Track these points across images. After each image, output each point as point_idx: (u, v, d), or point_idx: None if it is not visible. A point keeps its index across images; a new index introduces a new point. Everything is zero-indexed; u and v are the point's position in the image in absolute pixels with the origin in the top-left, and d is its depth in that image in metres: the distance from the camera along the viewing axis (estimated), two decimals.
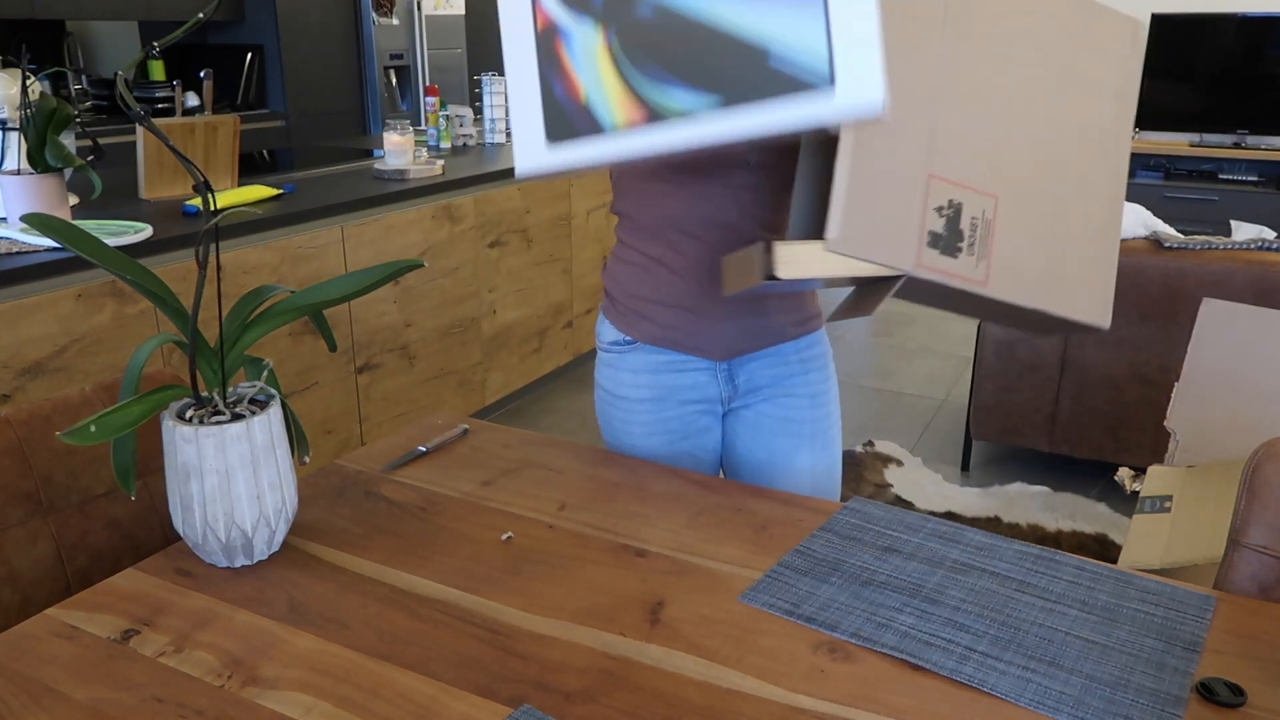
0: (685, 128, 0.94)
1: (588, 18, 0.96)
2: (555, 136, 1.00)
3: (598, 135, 0.98)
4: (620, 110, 0.97)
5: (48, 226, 1.01)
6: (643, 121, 0.96)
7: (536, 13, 0.99)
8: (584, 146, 0.98)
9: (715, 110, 0.93)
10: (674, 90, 0.94)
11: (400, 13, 5.31)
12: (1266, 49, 4.81)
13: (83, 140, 2.47)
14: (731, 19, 0.92)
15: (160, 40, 1.07)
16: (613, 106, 0.97)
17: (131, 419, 1.03)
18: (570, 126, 0.99)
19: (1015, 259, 1.21)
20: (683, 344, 1.43)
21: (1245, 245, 2.71)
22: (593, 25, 0.97)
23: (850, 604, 1.05)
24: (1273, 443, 1.17)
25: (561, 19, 0.98)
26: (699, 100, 0.93)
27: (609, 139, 0.98)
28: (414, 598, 1.07)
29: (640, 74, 0.95)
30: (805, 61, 0.89)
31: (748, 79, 0.92)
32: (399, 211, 2.93)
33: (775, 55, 0.90)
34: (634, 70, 0.96)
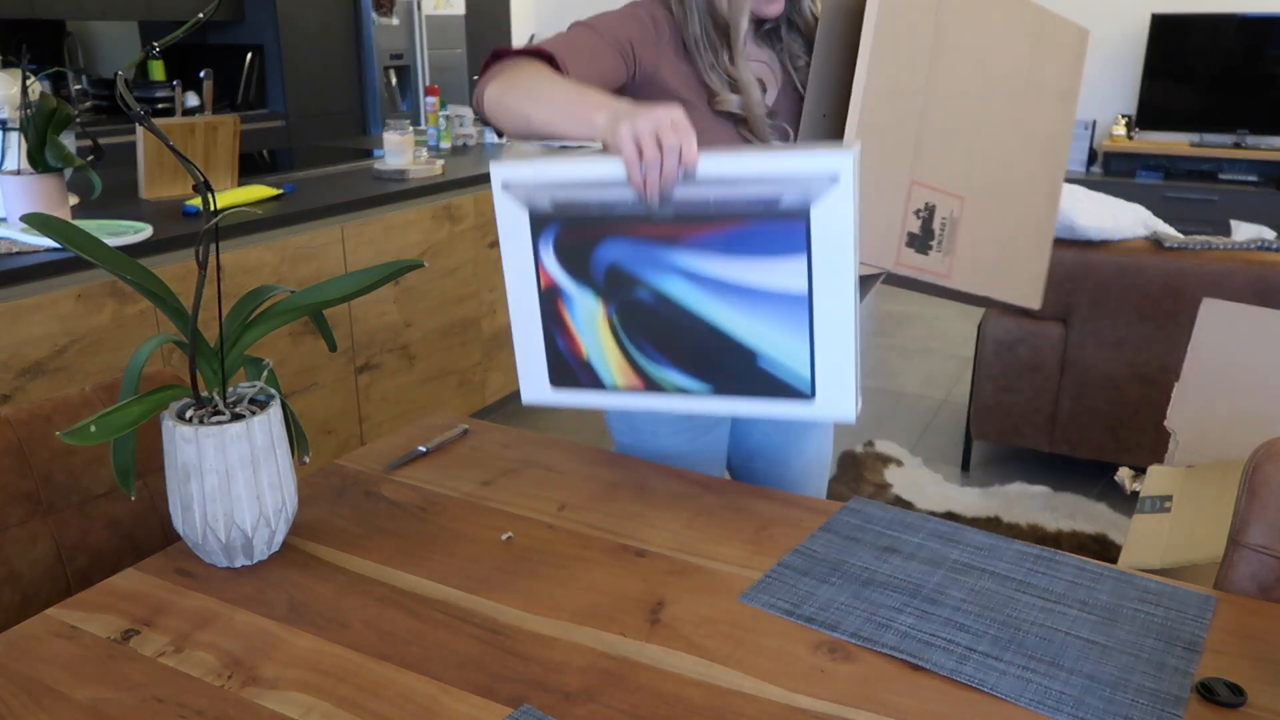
0: (680, 401, 1.02)
1: (589, 290, 1.02)
2: (559, 383, 1.07)
3: (599, 390, 1.05)
4: (620, 374, 1.03)
5: (48, 226, 1.01)
6: (641, 388, 1.03)
7: (540, 271, 1.04)
8: (586, 395, 1.05)
9: (707, 395, 1.01)
10: (670, 371, 1.01)
11: (400, 13, 5.31)
12: (1266, 49, 4.81)
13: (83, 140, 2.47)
14: (723, 319, 0.98)
15: (160, 40, 1.07)
16: (612, 369, 1.04)
17: (131, 419, 1.03)
18: (573, 377, 1.05)
19: (973, 253, 1.30)
20: None
21: (1245, 245, 2.71)
22: (594, 297, 1.03)
23: (850, 604, 1.05)
24: (1273, 443, 1.17)
25: (564, 283, 1.03)
26: (692, 383, 1.01)
27: (609, 395, 1.04)
28: (414, 598, 1.07)
29: (637, 350, 1.02)
30: (790, 372, 0.97)
31: (737, 375, 0.99)
32: (399, 211, 2.93)
33: (763, 358, 0.98)
34: (632, 345, 1.02)
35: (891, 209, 1.24)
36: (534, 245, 1.04)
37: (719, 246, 0.97)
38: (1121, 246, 2.79)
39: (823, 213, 0.93)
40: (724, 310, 0.98)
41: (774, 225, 0.95)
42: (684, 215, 0.98)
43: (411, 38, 5.40)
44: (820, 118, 1.31)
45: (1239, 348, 1.90)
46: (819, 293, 0.95)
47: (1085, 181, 4.91)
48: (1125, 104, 5.25)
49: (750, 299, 0.97)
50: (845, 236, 0.93)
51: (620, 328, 1.02)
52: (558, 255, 1.03)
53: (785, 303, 0.96)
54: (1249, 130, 4.94)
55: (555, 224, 1.03)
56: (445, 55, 5.60)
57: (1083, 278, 2.79)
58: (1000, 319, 2.94)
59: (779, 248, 0.95)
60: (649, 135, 0.95)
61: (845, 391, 0.96)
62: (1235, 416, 1.82)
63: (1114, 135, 5.20)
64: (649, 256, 1.00)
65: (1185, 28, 4.94)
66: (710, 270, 0.98)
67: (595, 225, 1.01)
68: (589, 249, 1.02)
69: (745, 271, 0.97)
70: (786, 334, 0.96)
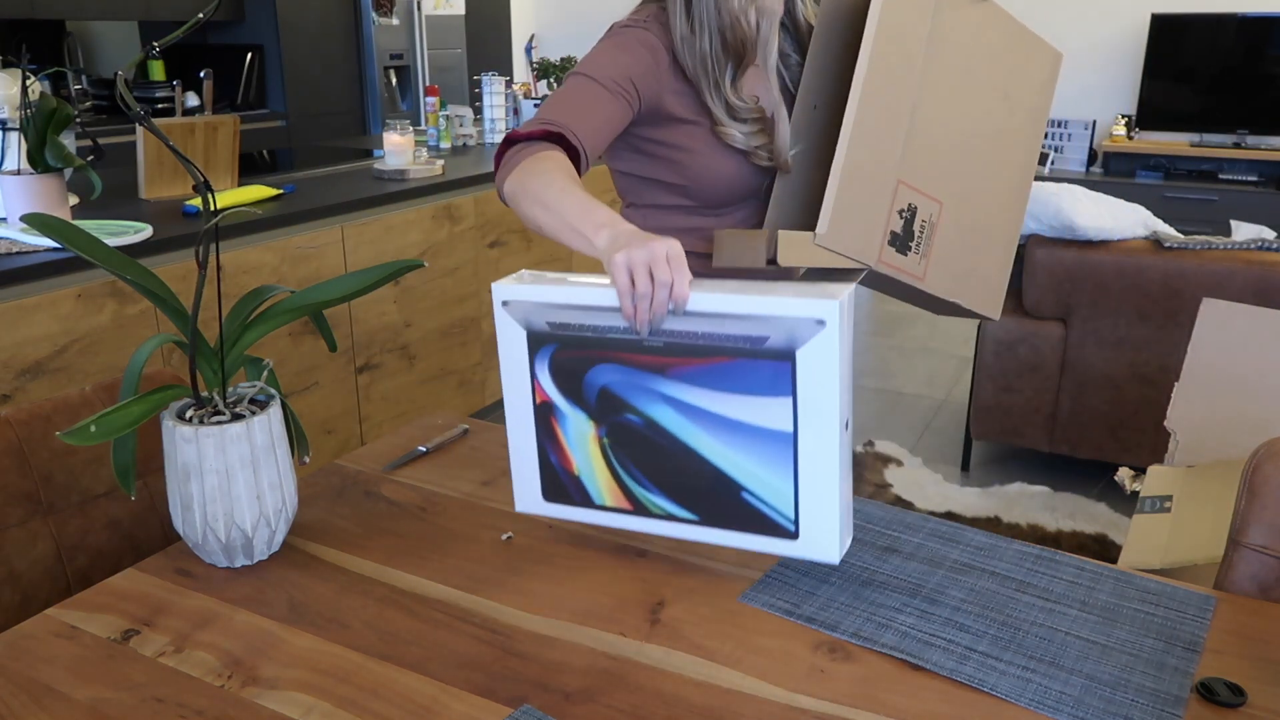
0: (667, 526, 1.04)
1: (581, 410, 1.04)
2: (551, 497, 1.10)
3: (589, 507, 1.08)
4: (609, 494, 1.06)
5: (48, 226, 1.01)
6: (629, 509, 1.05)
7: (535, 387, 1.07)
8: (577, 511, 1.08)
9: (693, 524, 1.03)
10: (657, 496, 1.03)
11: (400, 13, 5.31)
12: (1266, 49, 4.81)
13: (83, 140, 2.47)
14: (710, 450, 1.00)
15: (160, 40, 1.07)
16: (602, 489, 1.06)
17: (131, 419, 1.03)
18: (564, 492, 1.08)
19: (946, 258, 1.33)
20: None
21: (1245, 245, 2.71)
22: (585, 417, 1.05)
23: (850, 604, 1.05)
24: (1273, 443, 1.17)
25: (558, 401, 1.06)
26: (679, 511, 1.03)
27: (598, 513, 1.07)
28: (414, 598, 1.07)
29: (626, 473, 1.04)
30: (774, 509, 0.98)
31: (723, 507, 1.01)
32: (399, 211, 2.93)
33: (748, 492, 0.99)
34: (621, 468, 1.04)
35: (878, 205, 1.25)
36: (530, 363, 1.08)
37: (706, 380, 0.99)
38: (1121, 246, 2.79)
39: (809, 355, 0.94)
40: (711, 442, 1.00)
41: (761, 364, 0.97)
42: (673, 346, 1.01)
43: (411, 38, 5.40)
44: (812, 109, 1.32)
45: (1239, 348, 1.90)
46: (804, 434, 0.96)
47: (1085, 181, 4.91)
48: (1125, 104, 5.26)
49: (737, 433, 0.99)
50: (831, 380, 0.94)
51: (610, 449, 1.05)
52: (552, 374, 1.06)
53: (771, 440, 0.98)
54: (1249, 130, 4.94)
55: (551, 344, 1.06)
56: (445, 55, 5.60)
57: (1083, 278, 2.79)
58: (1000, 319, 2.94)
59: (765, 387, 0.97)
60: (643, 267, 0.97)
61: (829, 533, 0.97)
62: (1235, 416, 1.82)
63: (1114, 135, 5.20)
64: (639, 383, 1.02)
65: (1185, 28, 4.94)
66: (698, 401, 1.00)
67: (588, 348, 1.04)
68: (582, 371, 1.05)
69: (732, 407, 0.99)
70: (771, 471, 0.98)
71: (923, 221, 1.29)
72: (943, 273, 1.33)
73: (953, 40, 1.29)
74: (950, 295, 1.35)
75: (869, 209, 1.24)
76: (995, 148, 1.37)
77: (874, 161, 1.23)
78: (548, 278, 1.07)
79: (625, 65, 1.27)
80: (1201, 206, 4.87)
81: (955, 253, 1.34)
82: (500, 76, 3.90)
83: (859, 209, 1.23)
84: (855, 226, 1.23)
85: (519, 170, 1.16)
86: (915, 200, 1.28)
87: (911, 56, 1.25)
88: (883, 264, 1.26)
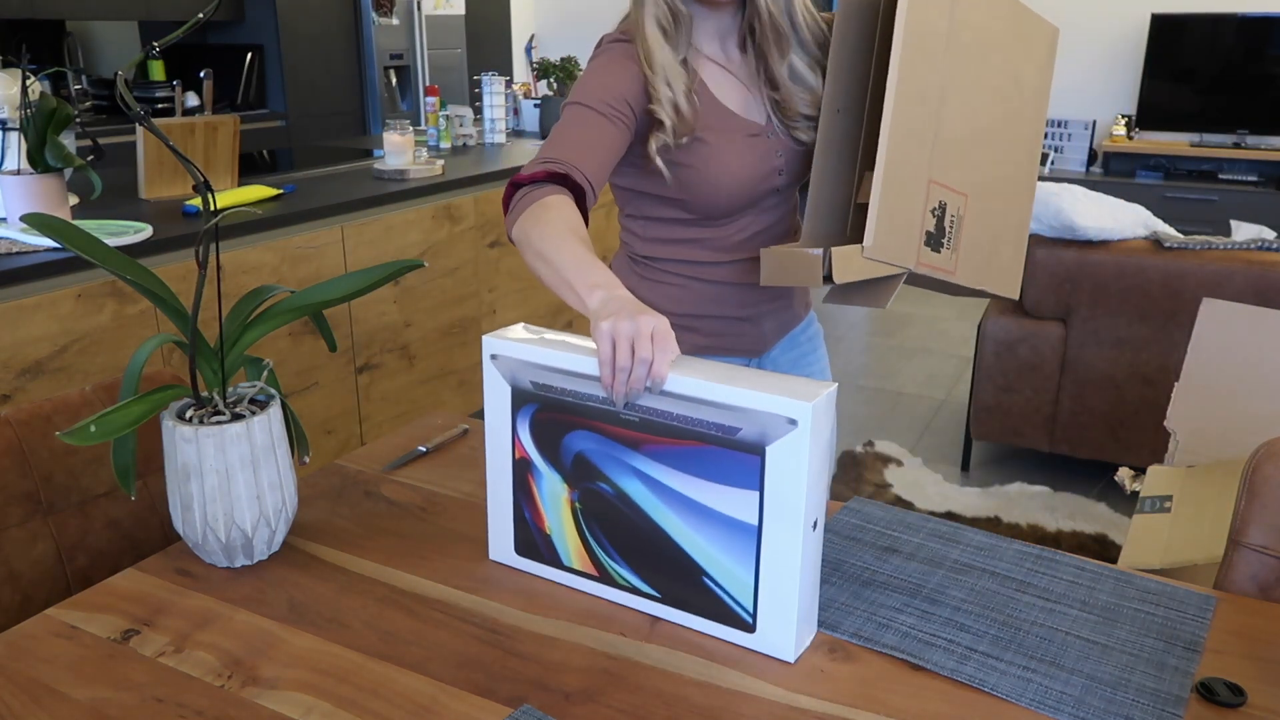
0: (631, 599, 1.05)
1: (557, 472, 1.06)
2: (522, 552, 1.12)
3: (556, 566, 1.09)
4: (577, 558, 1.08)
5: (48, 226, 1.01)
6: (594, 575, 1.07)
7: (515, 443, 1.09)
8: (545, 569, 1.11)
9: (654, 600, 1.04)
10: (622, 568, 1.05)
11: (400, 13, 5.31)
12: (1266, 49, 4.81)
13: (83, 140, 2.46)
14: (675, 531, 1.01)
15: (160, 40, 1.07)
16: (571, 551, 1.08)
17: (131, 419, 1.03)
18: (535, 549, 1.11)
19: (972, 248, 1.33)
20: (729, 348, 1.45)
21: (1245, 245, 2.71)
22: (560, 480, 1.07)
23: (850, 604, 1.05)
24: (1273, 443, 1.17)
25: (535, 459, 1.08)
26: (642, 585, 1.04)
27: (565, 574, 1.09)
28: (414, 598, 1.07)
29: (595, 540, 1.06)
30: (733, 599, 0.99)
31: (683, 588, 1.01)
32: (399, 211, 2.93)
33: (709, 578, 0.99)
34: (590, 534, 1.06)
35: (914, 209, 1.25)
36: (513, 418, 1.09)
37: (677, 462, 1.00)
38: (1121, 246, 2.79)
39: (778, 453, 0.94)
40: (678, 523, 1.01)
41: (731, 455, 0.97)
42: (648, 424, 1.01)
43: (411, 38, 5.40)
44: (835, 113, 1.32)
45: (1239, 348, 1.90)
46: (769, 529, 0.96)
47: (1085, 181, 4.91)
48: (1125, 104, 5.26)
49: (703, 517, 0.99)
50: (799, 480, 0.93)
51: (581, 515, 1.07)
52: (532, 433, 1.08)
53: (736, 530, 0.98)
54: (1249, 130, 4.94)
55: (534, 404, 1.07)
56: (445, 55, 5.60)
57: (1083, 278, 2.79)
58: (1000, 319, 2.94)
59: (734, 478, 0.97)
60: (625, 339, 0.96)
61: (786, 631, 0.96)
62: (1235, 416, 1.82)
63: (1114, 135, 5.20)
64: (613, 454, 1.03)
65: (1185, 28, 4.94)
66: (669, 481, 1.01)
67: (567, 413, 1.05)
68: (560, 434, 1.06)
69: (701, 492, 0.99)
70: (734, 561, 0.98)
71: (952, 216, 1.29)
72: (970, 263, 1.33)
73: (967, 31, 1.28)
74: (977, 284, 1.36)
75: (907, 213, 1.24)
76: (1008, 132, 1.37)
77: (909, 166, 1.24)
78: (544, 335, 1.07)
79: (617, 86, 1.27)
80: (1201, 206, 4.87)
81: (979, 241, 1.35)
82: (500, 76, 3.90)
83: (899, 215, 1.23)
84: (898, 233, 1.23)
85: (524, 218, 1.16)
86: (944, 197, 1.27)
87: (935, 55, 1.25)
88: (921, 265, 1.26)
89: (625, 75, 1.27)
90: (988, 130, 1.34)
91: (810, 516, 0.95)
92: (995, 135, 1.35)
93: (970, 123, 1.31)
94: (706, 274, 1.40)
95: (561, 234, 1.12)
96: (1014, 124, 1.38)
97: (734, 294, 1.42)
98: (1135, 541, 1.61)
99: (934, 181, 1.27)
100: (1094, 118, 5.28)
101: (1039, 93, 1.40)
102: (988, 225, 1.36)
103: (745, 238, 1.39)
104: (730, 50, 1.37)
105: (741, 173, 1.33)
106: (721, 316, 1.43)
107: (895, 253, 1.24)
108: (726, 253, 1.40)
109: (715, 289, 1.41)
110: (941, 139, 1.27)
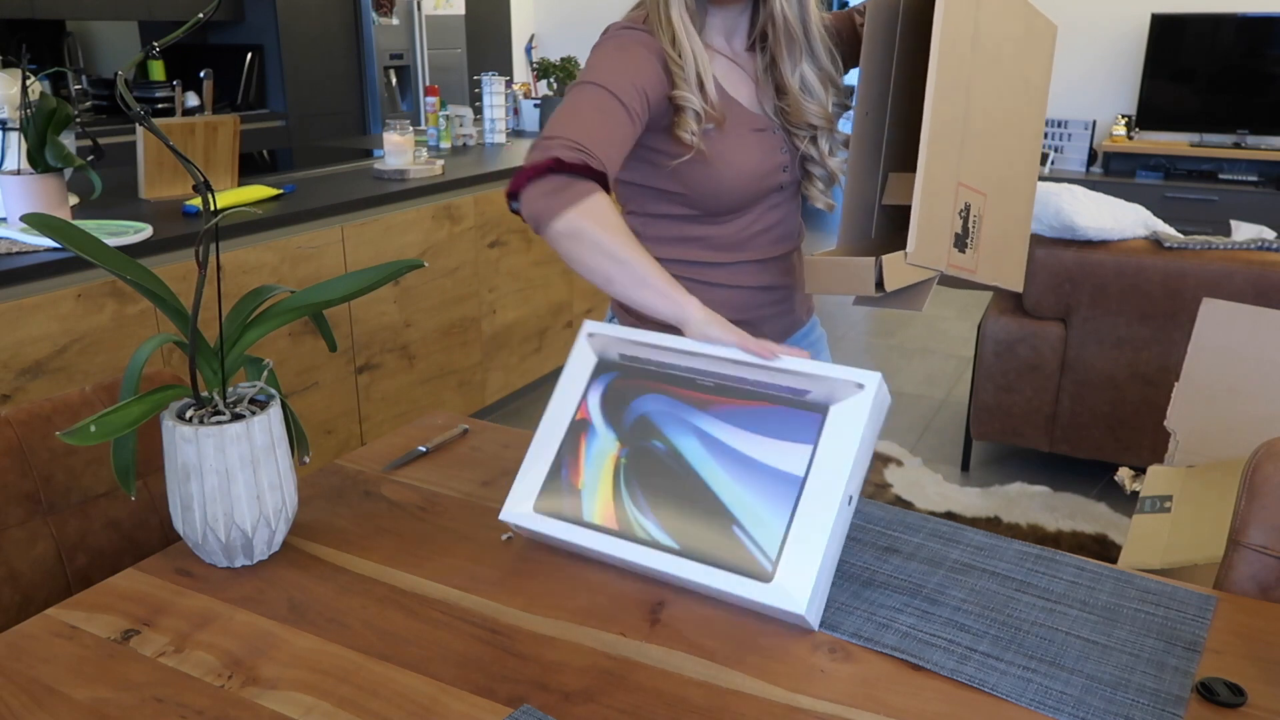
0: (643, 553, 1.06)
1: (613, 432, 1.12)
2: (541, 509, 1.14)
3: (573, 522, 1.11)
4: (600, 512, 1.10)
5: (48, 226, 1.01)
6: (614, 529, 1.09)
7: (581, 405, 1.16)
8: (559, 525, 1.12)
9: (672, 553, 1.05)
10: (648, 522, 1.07)
11: (400, 13, 5.31)
12: (1266, 49, 4.81)
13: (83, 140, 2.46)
14: (717, 483, 1.06)
15: (160, 40, 1.07)
16: (596, 506, 1.10)
17: (131, 419, 1.03)
18: (557, 503, 1.13)
19: (989, 245, 1.35)
20: None
21: (1245, 245, 2.71)
22: (615, 439, 1.13)
23: (850, 604, 1.05)
24: (1273, 443, 1.17)
25: (596, 420, 1.14)
26: (663, 536, 1.06)
27: (579, 529, 1.10)
28: (414, 598, 1.07)
29: (628, 492, 1.09)
30: (759, 547, 1.01)
31: (707, 541, 1.04)
32: (399, 211, 2.93)
33: (740, 526, 1.03)
34: (625, 487, 1.10)
35: (946, 212, 1.27)
36: (587, 384, 1.18)
37: (740, 420, 1.08)
38: (1121, 246, 2.79)
39: (840, 413, 1.03)
40: (722, 475, 1.06)
41: (796, 413, 1.06)
42: (724, 388, 1.11)
43: (411, 38, 5.40)
44: (865, 115, 1.32)
45: (1239, 348, 1.90)
46: (811, 482, 1.02)
47: (1085, 181, 4.91)
48: (1125, 104, 5.26)
49: (750, 469, 1.05)
50: (852, 439, 1.01)
51: (624, 469, 1.11)
52: (602, 397, 1.16)
53: (780, 480, 1.03)
54: (1249, 130, 4.94)
55: (614, 372, 1.17)
56: (445, 55, 5.60)
57: (1083, 278, 2.79)
58: (1000, 319, 2.94)
59: (792, 433, 1.05)
60: (753, 343, 1.11)
61: (803, 584, 0.98)
62: (1235, 416, 1.82)
63: (1114, 135, 5.20)
64: (677, 414, 1.12)
65: (1185, 27, 4.94)
66: (725, 437, 1.08)
67: (646, 379, 1.15)
68: (630, 397, 1.15)
69: (755, 446, 1.06)
70: (769, 509, 1.02)
71: (974, 217, 1.31)
72: (988, 261, 1.35)
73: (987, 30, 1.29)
74: (992, 280, 1.37)
75: (941, 217, 1.26)
76: (1017, 129, 1.38)
77: (944, 169, 1.25)
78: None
79: (635, 74, 1.24)
80: (1201, 206, 4.87)
81: (994, 238, 1.36)
82: (500, 76, 3.90)
83: (935, 219, 1.25)
84: (934, 237, 1.25)
85: (574, 212, 1.15)
86: (969, 198, 1.30)
87: (964, 56, 1.25)
88: (950, 267, 1.27)
89: (644, 64, 1.26)
90: (1002, 127, 1.35)
91: (850, 488, 1.01)
92: (1007, 132, 1.36)
93: (988, 121, 1.32)
94: (706, 275, 1.40)
95: (628, 234, 1.18)
96: (1022, 121, 1.39)
97: (734, 296, 1.41)
98: (1135, 541, 1.61)
99: (961, 184, 1.29)
100: (1094, 118, 5.28)
101: (1041, 89, 1.42)
102: (999, 222, 1.37)
103: (748, 236, 1.39)
104: (736, 46, 1.36)
105: (747, 166, 1.33)
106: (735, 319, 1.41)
107: (932, 257, 1.25)
108: (727, 252, 1.39)
109: (714, 291, 1.40)
110: (966, 140, 1.28)
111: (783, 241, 1.43)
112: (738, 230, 1.38)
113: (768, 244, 1.41)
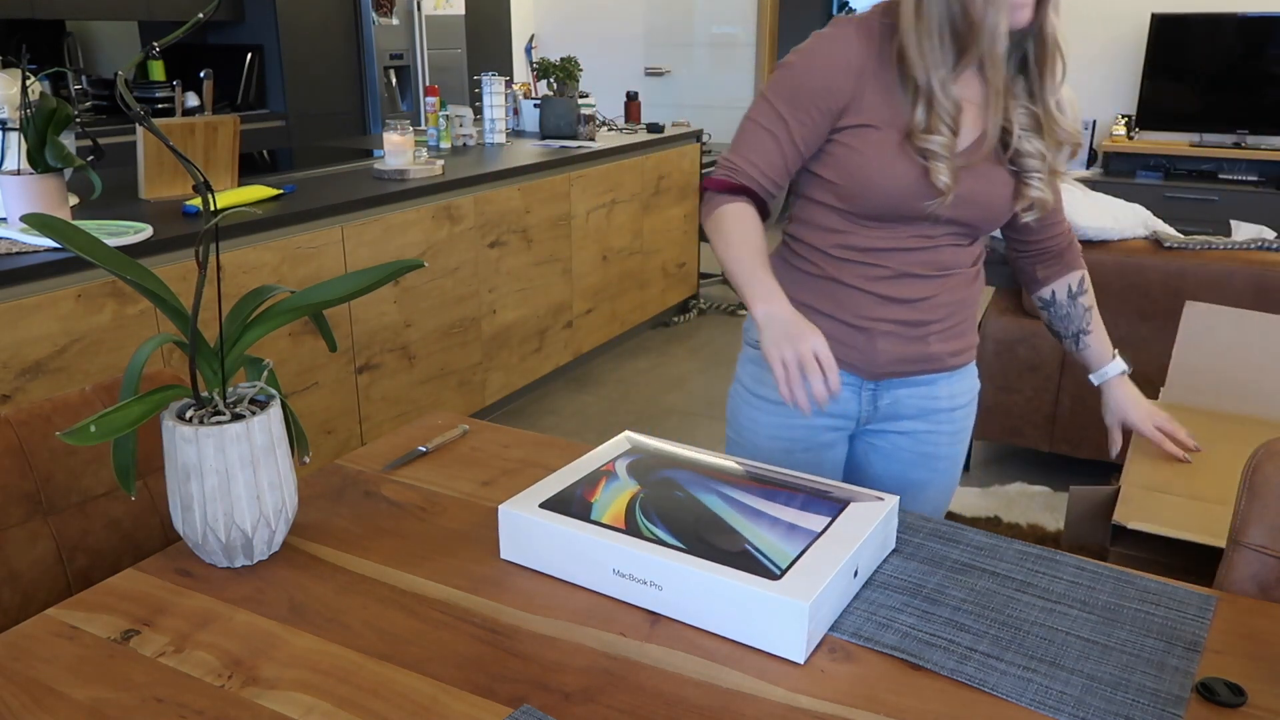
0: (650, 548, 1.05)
1: (634, 481, 1.19)
2: (548, 505, 1.14)
3: (580, 520, 1.11)
4: (609, 513, 1.12)
5: (48, 226, 1.01)
6: (620, 525, 1.09)
7: (608, 464, 1.23)
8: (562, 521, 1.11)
9: (676, 550, 1.05)
10: (656, 527, 1.09)
11: (400, 13, 5.31)
12: (1266, 49, 4.81)
13: (83, 140, 2.46)
14: (735, 521, 1.10)
15: (160, 40, 1.07)
16: (607, 511, 1.12)
17: (131, 419, 1.03)
18: (566, 506, 1.13)
19: None
20: (839, 358, 1.38)
21: (1245, 245, 2.71)
22: (635, 484, 1.18)
23: (850, 604, 1.05)
24: (1272, 443, 1.17)
25: (619, 472, 1.21)
26: (668, 537, 1.07)
27: (584, 527, 1.09)
28: (414, 598, 1.07)
29: (641, 514, 1.11)
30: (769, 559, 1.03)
31: (717, 546, 1.05)
32: (399, 211, 2.93)
33: (751, 545, 1.05)
34: (639, 510, 1.12)
35: None
36: (615, 457, 1.25)
37: (764, 493, 1.16)
38: (1121, 246, 2.79)
39: (859, 507, 1.12)
40: (738, 517, 1.11)
41: (817, 500, 1.14)
42: (754, 475, 1.20)
43: (411, 38, 5.40)
44: None
45: (1223, 351, 1.90)
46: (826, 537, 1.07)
47: (1085, 181, 4.91)
48: (1125, 104, 5.26)
49: (767, 521, 1.10)
50: (867, 526, 1.08)
51: (640, 499, 1.14)
52: (629, 464, 1.23)
53: (795, 531, 1.08)
54: (1249, 130, 4.94)
55: (644, 454, 1.26)
56: (445, 55, 5.60)
57: None
58: (1000, 319, 2.94)
59: (812, 508, 1.12)
60: (794, 367, 1.20)
61: (811, 585, 0.98)
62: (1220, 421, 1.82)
63: (1114, 135, 5.20)
64: (702, 481, 1.19)
65: (1185, 27, 4.94)
66: (746, 500, 1.14)
67: (676, 462, 1.24)
68: (658, 468, 1.22)
69: (775, 509, 1.12)
70: (784, 543, 1.06)
71: None
72: None
73: None
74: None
75: None
76: None
77: None
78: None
79: (821, 89, 1.30)
80: (1201, 206, 4.87)
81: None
82: (500, 76, 3.90)
83: None
84: None
85: (713, 216, 1.36)
86: None
87: None
88: None
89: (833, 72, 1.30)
90: None
91: (859, 561, 1.06)
92: None
93: None
94: (834, 270, 1.39)
95: (742, 239, 1.31)
96: None
97: (855, 297, 1.39)
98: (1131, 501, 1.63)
99: None
100: (1094, 118, 5.28)
101: None
102: None
103: (884, 249, 1.36)
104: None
105: (900, 176, 1.30)
106: (835, 318, 1.40)
107: None
108: (859, 252, 1.37)
109: (846, 292, 1.39)
110: None
111: (922, 286, 1.39)
112: (877, 239, 1.36)
113: (929, 261, 1.38)
